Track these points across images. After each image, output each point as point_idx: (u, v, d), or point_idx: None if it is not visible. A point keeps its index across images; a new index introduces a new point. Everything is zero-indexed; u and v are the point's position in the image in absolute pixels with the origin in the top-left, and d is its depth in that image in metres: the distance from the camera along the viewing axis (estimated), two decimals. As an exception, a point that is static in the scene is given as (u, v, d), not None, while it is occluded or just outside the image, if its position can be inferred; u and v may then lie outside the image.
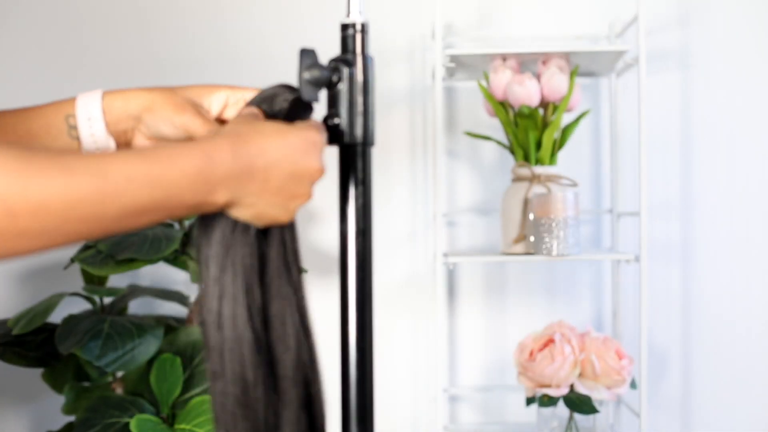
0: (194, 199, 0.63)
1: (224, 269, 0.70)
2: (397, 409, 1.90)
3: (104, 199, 0.58)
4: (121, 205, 0.59)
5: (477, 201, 1.89)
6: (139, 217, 0.61)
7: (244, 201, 0.67)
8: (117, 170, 0.59)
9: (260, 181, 0.67)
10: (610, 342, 1.61)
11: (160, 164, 0.61)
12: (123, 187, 0.59)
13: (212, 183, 0.64)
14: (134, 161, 0.60)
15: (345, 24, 0.80)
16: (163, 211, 0.62)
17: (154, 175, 0.60)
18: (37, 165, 0.55)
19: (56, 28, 1.92)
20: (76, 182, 0.56)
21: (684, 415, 1.86)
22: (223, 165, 0.64)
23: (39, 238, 0.56)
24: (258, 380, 0.71)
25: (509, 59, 1.68)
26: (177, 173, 0.62)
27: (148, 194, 0.60)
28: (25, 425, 1.91)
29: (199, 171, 0.63)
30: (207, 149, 0.64)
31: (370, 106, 0.79)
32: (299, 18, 1.90)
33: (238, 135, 0.67)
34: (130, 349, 1.45)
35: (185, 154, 0.63)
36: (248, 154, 0.66)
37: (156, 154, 0.62)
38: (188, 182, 0.62)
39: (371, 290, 0.80)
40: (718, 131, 1.86)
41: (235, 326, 0.70)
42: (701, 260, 1.86)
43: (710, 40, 1.86)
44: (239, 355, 0.71)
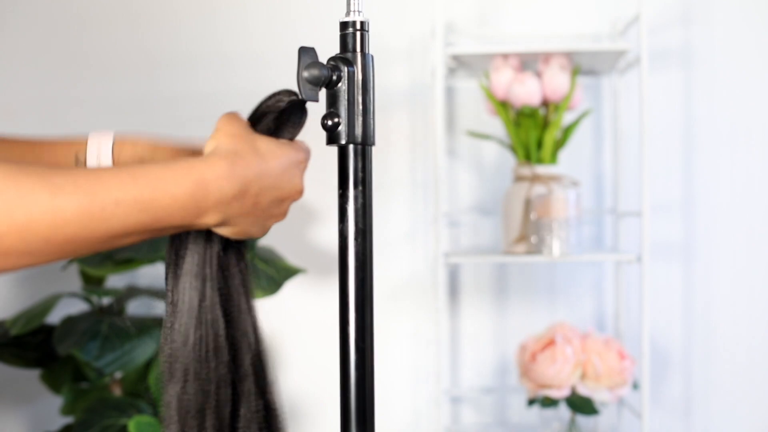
0: (183, 222, 0.63)
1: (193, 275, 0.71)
2: (399, 411, 1.89)
3: (91, 222, 0.57)
4: (108, 228, 0.58)
5: (478, 201, 1.89)
6: (124, 238, 0.60)
7: (230, 221, 0.67)
8: (106, 192, 0.58)
9: (250, 204, 0.67)
10: (612, 343, 1.61)
11: (150, 188, 0.60)
12: (111, 211, 0.58)
13: (204, 208, 0.64)
14: (125, 182, 0.59)
15: (344, 22, 0.80)
16: (150, 233, 0.62)
17: (144, 200, 0.60)
18: (25, 183, 0.55)
19: (50, 29, 1.92)
20: (64, 203, 0.56)
21: (686, 416, 1.86)
22: (218, 191, 0.64)
23: (24, 257, 0.56)
24: (219, 380, 0.71)
25: (510, 58, 1.67)
26: (168, 198, 0.61)
27: (135, 218, 0.60)
28: (23, 426, 1.90)
29: (192, 196, 0.62)
30: (203, 178, 0.63)
31: (370, 106, 0.79)
32: (298, 16, 1.89)
33: (235, 155, 0.66)
34: (129, 350, 1.44)
35: (178, 177, 0.62)
36: (245, 178, 0.66)
37: (147, 175, 0.61)
38: (179, 207, 0.62)
39: (371, 290, 0.79)
40: (720, 130, 1.85)
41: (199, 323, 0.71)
42: (703, 260, 1.85)
43: (712, 38, 1.85)
44: (199, 355, 0.70)
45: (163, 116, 1.89)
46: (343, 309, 0.78)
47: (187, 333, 0.71)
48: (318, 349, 1.89)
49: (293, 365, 1.90)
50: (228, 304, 0.72)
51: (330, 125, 0.78)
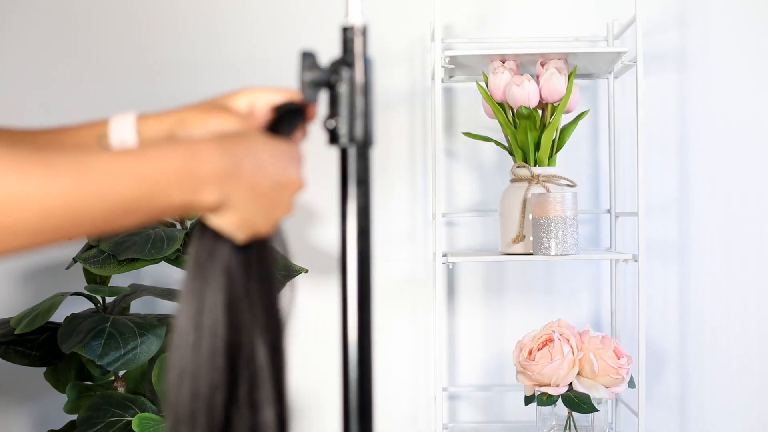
0: (181, 197, 0.62)
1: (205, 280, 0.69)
2: (397, 408, 1.91)
3: (86, 195, 0.57)
4: (105, 201, 0.58)
5: (476, 201, 1.90)
6: (124, 215, 0.60)
7: (231, 202, 0.66)
8: (100, 165, 0.58)
9: (248, 183, 0.66)
10: (609, 341, 1.62)
11: (146, 160, 0.60)
12: (107, 183, 0.58)
13: (199, 180, 0.63)
14: (119, 157, 0.59)
15: (345, 26, 0.81)
16: (149, 209, 0.61)
17: (139, 171, 0.59)
18: (17, 159, 0.54)
19: (50, 31, 1.93)
20: (58, 176, 0.56)
21: (682, 414, 1.87)
22: (210, 162, 0.64)
23: (20, 235, 0.55)
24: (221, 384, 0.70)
25: (508, 60, 1.69)
26: (163, 169, 0.61)
27: (133, 190, 0.59)
28: (27, 424, 1.91)
29: (185, 166, 0.62)
30: (194, 147, 0.63)
31: (370, 107, 0.80)
32: (299, 20, 1.91)
33: (225, 137, 0.67)
34: (132, 348, 1.45)
35: (171, 150, 0.62)
36: (236, 153, 0.66)
37: (142, 150, 0.61)
38: (175, 178, 0.61)
39: (371, 290, 0.80)
40: (716, 132, 1.87)
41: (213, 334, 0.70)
42: (699, 260, 1.87)
43: (707, 41, 1.87)
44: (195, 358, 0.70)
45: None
46: (343, 308, 0.79)
47: (185, 335, 0.70)
48: (318, 347, 1.90)
49: (294, 363, 1.91)
50: (234, 309, 0.71)
51: (331, 127, 0.79)
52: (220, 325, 0.70)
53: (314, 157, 0.80)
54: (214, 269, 0.70)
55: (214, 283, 0.70)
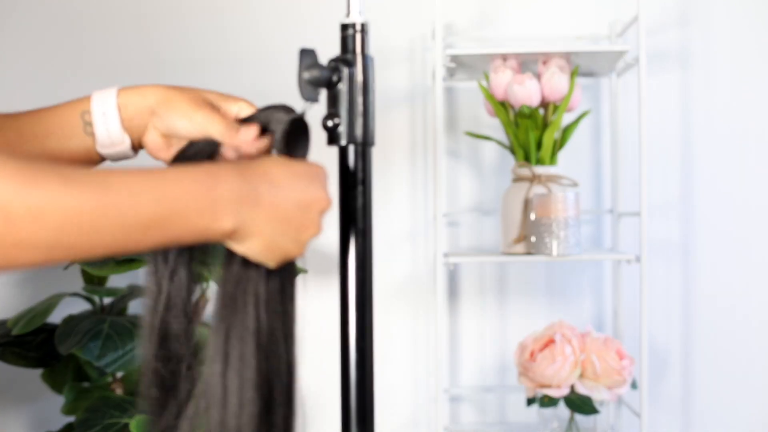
0: (199, 221, 0.62)
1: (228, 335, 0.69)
2: (398, 410, 1.90)
3: (105, 211, 0.56)
4: (123, 219, 0.57)
5: (477, 201, 1.89)
6: (142, 235, 0.59)
7: (252, 228, 0.65)
8: (120, 183, 0.58)
9: (268, 207, 0.66)
10: (611, 342, 1.61)
11: (164, 181, 0.60)
12: (125, 200, 0.58)
13: (217, 204, 0.62)
14: (138, 176, 0.59)
15: (345, 24, 0.80)
16: (167, 231, 0.60)
17: (158, 191, 0.59)
18: (38, 173, 0.54)
19: (56, 29, 1.92)
20: (77, 191, 0.55)
21: (685, 416, 1.86)
22: (228, 187, 0.63)
23: (37, 248, 0.55)
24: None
25: (509, 59, 1.68)
26: (181, 190, 0.61)
27: (151, 209, 0.59)
28: (24, 425, 1.90)
29: (205, 190, 0.62)
30: (212, 171, 0.63)
31: (370, 106, 0.79)
32: (299, 18, 1.90)
33: (242, 163, 0.67)
34: (130, 349, 1.45)
35: (190, 173, 0.62)
36: (254, 177, 0.65)
37: (161, 171, 0.61)
38: (193, 200, 0.61)
39: (371, 290, 0.80)
40: (719, 131, 1.86)
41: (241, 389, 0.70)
42: (702, 260, 1.86)
43: (710, 40, 1.86)
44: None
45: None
46: (343, 309, 0.79)
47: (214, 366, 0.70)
48: (318, 348, 1.89)
49: (293, 365, 1.90)
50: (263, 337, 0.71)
51: (330, 126, 0.78)
52: (250, 354, 0.70)
53: (314, 158, 0.79)
54: (243, 299, 0.70)
55: (242, 313, 0.70)
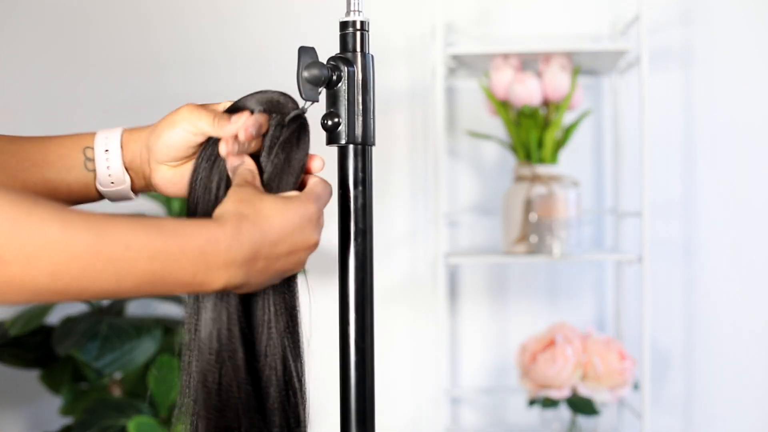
0: (192, 279, 0.62)
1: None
2: (398, 411, 1.89)
3: (98, 262, 0.56)
4: (116, 272, 0.57)
5: (478, 201, 1.88)
6: (134, 287, 0.59)
7: (245, 284, 0.66)
8: (116, 234, 0.57)
9: (264, 265, 0.66)
10: (613, 343, 1.60)
11: (161, 237, 0.60)
12: (120, 253, 0.57)
13: (213, 266, 0.62)
14: (136, 229, 0.59)
15: (344, 22, 0.79)
16: (159, 285, 0.60)
17: (153, 248, 0.59)
18: (36, 214, 0.54)
19: (52, 30, 1.91)
20: (73, 238, 0.55)
21: (687, 417, 1.85)
22: (227, 251, 0.63)
23: (27, 290, 0.54)
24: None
25: (511, 58, 1.67)
26: (178, 250, 0.60)
27: (144, 266, 0.59)
28: (22, 427, 1.90)
29: (202, 252, 0.61)
30: (213, 232, 0.63)
31: (370, 106, 0.79)
32: (298, 16, 1.89)
33: (241, 218, 0.65)
34: (129, 350, 1.44)
35: (189, 232, 0.61)
36: (252, 241, 0.65)
37: (160, 226, 0.60)
38: (188, 261, 0.61)
39: (371, 290, 0.79)
40: (721, 130, 1.85)
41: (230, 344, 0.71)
42: (704, 260, 1.85)
43: (712, 38, 1.85)
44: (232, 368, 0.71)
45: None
46: (343, 309, 0.78)
47: (204, 369, 0.71)
48: (318, 348, 1.88)
49: (293, 365, 1.90)
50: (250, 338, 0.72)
51: (330, 125, 0.77)
52: (240, 357, 0.71)
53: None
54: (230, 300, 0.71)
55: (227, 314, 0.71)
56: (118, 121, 1.98)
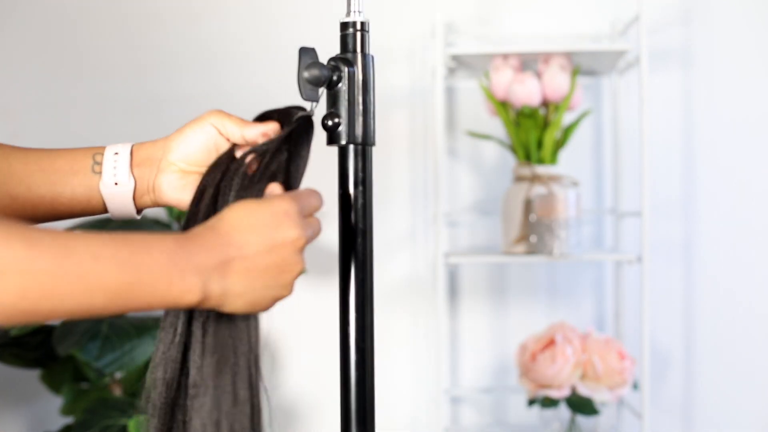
0: (168, 289, 0.60)
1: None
2: (398, 411, 1.89)
3: (67, 276, 0.55)
4: (86, 284, 0.56)
5: (478, 201, 1.88)
6: (108, 300, 0.57)
7: (228, 294, 0.64)
8: (84, 246, 0.56)
9: (240, 270, 0.64)
10: (612, 343, 1.61)
11: (129, 246, 0.58)
12: (88, 265, 0.56)
13: (185, 271, 0.61)
14: (103, 240, 0.58)
15: (345, 23, 0.80)
16: (134, 298, 0.58)
17: (122, 256, 0.58)
18: (0, 234, 0.53)
19: (50, 31, 1.91)
20: (39, 254, 0.54)
21: (686, 417, 1.85)
22: (196, 255, 0.62)
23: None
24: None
25: (510, 58, 1.67)
26: (148, 258, 0.59)
27: (115, 275, 0.57)
28: (23, 426, 1.90)
29: (170, 258, 0.60)
30: (179, 239, 0.62)
31: (371, 106, 0.79)
32: (298, 17, 1.89)
33: (206, 227, 0.65)
34: (129, 350, 1.44)
35: (156, 241, 0.60)
36: (218, 245, 0.63)
37: (127, 237, 0.59)
38: (159, 269, 0.59)
39: (372, 290, 0.79)
40: (720, 130, 1.85)
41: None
42: (704, 260, 1.85)
43: (712, 38, 1.85)
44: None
45: (166, 116, 1.89)
46: (343, 309, 0.78)
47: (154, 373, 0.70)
48: (318, 349, 1.88)
49: (293, 365, 1.90)
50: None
51: (330, 125, 0.78)
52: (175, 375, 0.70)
53: (314, 157, 0.78)
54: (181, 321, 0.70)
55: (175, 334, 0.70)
56: (117, 122, 1.99)
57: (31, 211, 0.77)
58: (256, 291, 0.66)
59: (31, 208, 0.77)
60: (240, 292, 0.65)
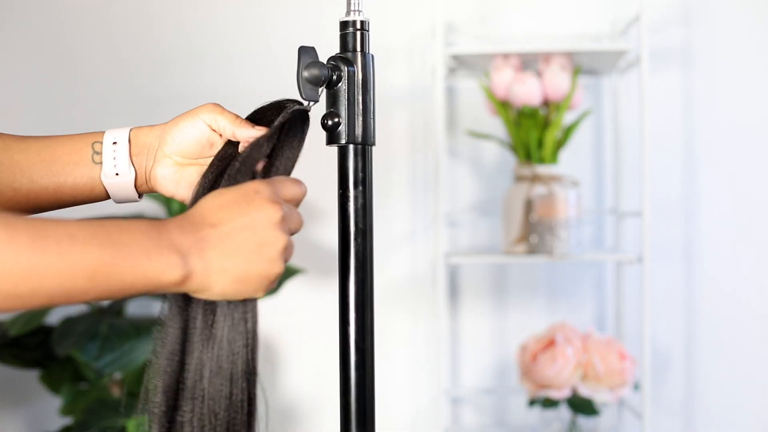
0: (150, 264, 0.60)
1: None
2: (399, 411, 1.89)
3: (45, 255, 0.54)
4: (66, 265, 0.56)
5: (478, 201, 1.88)
6: (89, 281, 0.57)
7: (210, 272, 0.63)
8: (60, 227, 0.56)
9: (217, 246, 0.64)
10: (613, 343, 1.60)
11: (104, 228, 0.58)
12: (66, 244, 0.56)
13: (163, 247, 0.61)
14: (79, 223, 0.58)
15: (344, 22, 0.79)
16: (116, 277, 0.58)
17: (99, 235, 0.58)
18: None
19: (50, 30, 1.91)
20: (16, 234, 0.54)
21: (687, 417, 1.85)
22: (171, 234, 0.62)
23: None
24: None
25: (511, 58, 1.67)
26: (124, 236, 0.59)
27: (95, 254, 0.57)
28: (22, 427, 1.90)
29: (146, 235, 0.60)
30: (153, 221, 0.62)
31: (371, 105, 0.78)
32: (298, 16, 1.89)
33: (182, 215, 0.65)
34: (128, 350, 1.44)
35: (132, 223, 0.61)
36: (192, 226, 0.64)
37: (101, 220, 0.60)
38: (137, 245, 0.59)
39: (372, 290, 0.79)
40: (721, 130, 1.85)
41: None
42: (704, 260, 1.85)
43: (712, 38, 1.85)
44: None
45: (165, 115, 1.88)
46: (343, 309, 0.78)
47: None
48: (318, 349, 1.88)
49: (293, 365, 1.90)
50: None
51: (330, 125, 0.77)
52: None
53: (314, 157, 0.78)
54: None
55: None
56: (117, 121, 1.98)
57: (35, 202, 0.77)
58: (240, 266, 0.65)
59: (34, 198, 0.77)
60: (222, 267, 0.64)
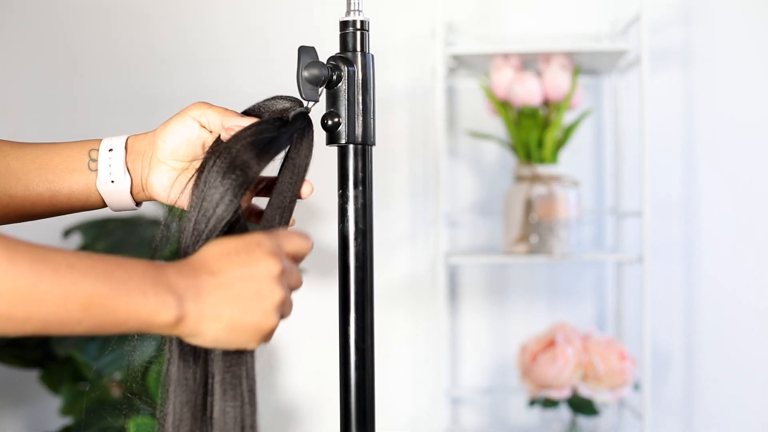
0: (144, 302, 0.60)
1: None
2: (398, 411, 1.89)
3: (43, 282, 0.55)
4: (63, 292, 0.56)
5: (478, 201, 1.88)
6: (83, 311, 0.57)
7: (203, 319, 0.63)
8: (60, 256, 0.57)
9: (214, 293, 0.63)
10: (613, 343, 1.60)
11: (103, 261, 0.59)
12: (64, 272, 0.56)
13: (159, 287, 0.60)
14: (77, 254, 0.58)
15: (344, 22, 0.79)
16: (110, 311, 0.58)
17: (97, 267, 0.58)
18: None
19: (49, 30, 1.91)
20: (16, 257, 0.54)
21: (687, 417, 1.85)
22: (169, 276, 0.62)
23: None
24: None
25: (511, 58, 1.67)
26: (122, 271, 0.59)
27: (91, 285, 0.57)
28: (22, 427, 1.90)
29: (144, 274, 0.60)
30: (152, 262, 0.62)
31: (371, 105, 0.78)
32: (298, 16, 1.89)
33: (182, 260, 0.66)
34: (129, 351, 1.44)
35: (131, 260, 0.61)
36: (191, 272, 0.64)
37: (101, 255, 0.60)
38: (134, 282, 0.59)
39: (372, 290, 0.79)
40: (721, 130, 1.85)
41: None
42: (704, 260, 1.85)
43: (712, 38, 1.85)
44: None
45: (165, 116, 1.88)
46: (343, 309, 0.78)
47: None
48: (318, 349, 1.88)
49: (293, 365, 1.90)
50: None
51: (330, 125, 0.77)
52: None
53: (314, 157, 0.78)
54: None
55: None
56: (117, 122, 1.98)
57: (30, 209, 0.77)
58: (234, 314, 0.64)
59: (30, 206, 0.77)
60: (216, 314, 0.64)
